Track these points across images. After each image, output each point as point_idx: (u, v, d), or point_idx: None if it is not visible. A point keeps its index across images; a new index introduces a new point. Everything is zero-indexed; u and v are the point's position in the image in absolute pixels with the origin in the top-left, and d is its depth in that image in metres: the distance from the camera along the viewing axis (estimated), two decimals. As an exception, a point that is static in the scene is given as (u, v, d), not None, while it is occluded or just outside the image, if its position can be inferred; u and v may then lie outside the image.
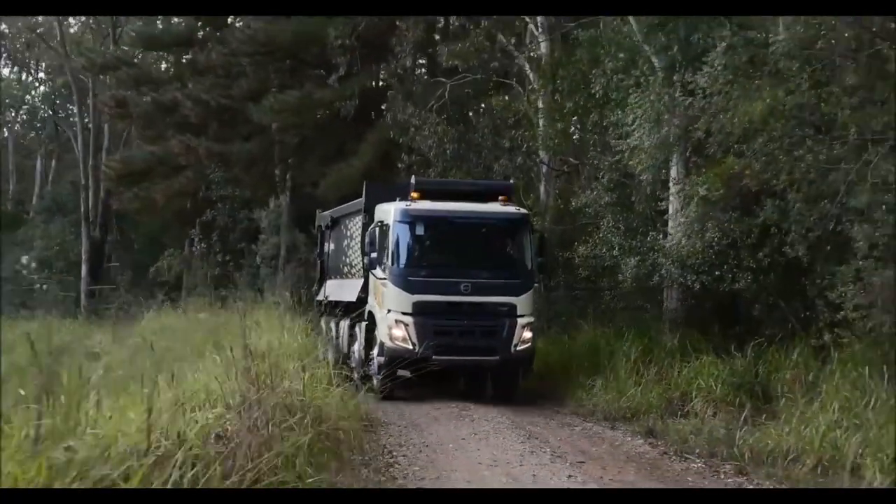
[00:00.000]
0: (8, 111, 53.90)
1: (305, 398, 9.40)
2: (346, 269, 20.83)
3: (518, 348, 16.57)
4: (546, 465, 10.65)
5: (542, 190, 23.09)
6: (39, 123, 57.12)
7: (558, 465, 10.68)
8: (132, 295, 36.32)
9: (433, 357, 16.03)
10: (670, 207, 16.77)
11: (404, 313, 16.41)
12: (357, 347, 18.34)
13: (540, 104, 23.12)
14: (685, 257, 15.67)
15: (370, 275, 17.51)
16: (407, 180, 18.17)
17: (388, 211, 17.11)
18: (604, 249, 18.00)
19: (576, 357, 17.94)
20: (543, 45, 22.74)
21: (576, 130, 22.72)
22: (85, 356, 22.64)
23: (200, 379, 9.39)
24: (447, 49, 23.09)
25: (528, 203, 20.74)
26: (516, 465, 10.63)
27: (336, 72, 29.46)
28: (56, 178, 49.47)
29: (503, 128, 24.76)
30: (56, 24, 43.75)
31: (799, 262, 13.24)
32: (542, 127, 22.27)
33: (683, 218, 15.62)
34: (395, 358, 16.21)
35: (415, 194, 17.00)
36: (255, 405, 7.63)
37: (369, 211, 18.23)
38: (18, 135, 56.98)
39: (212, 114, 33.70)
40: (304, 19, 31.33)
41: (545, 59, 22.43)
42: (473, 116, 27.04)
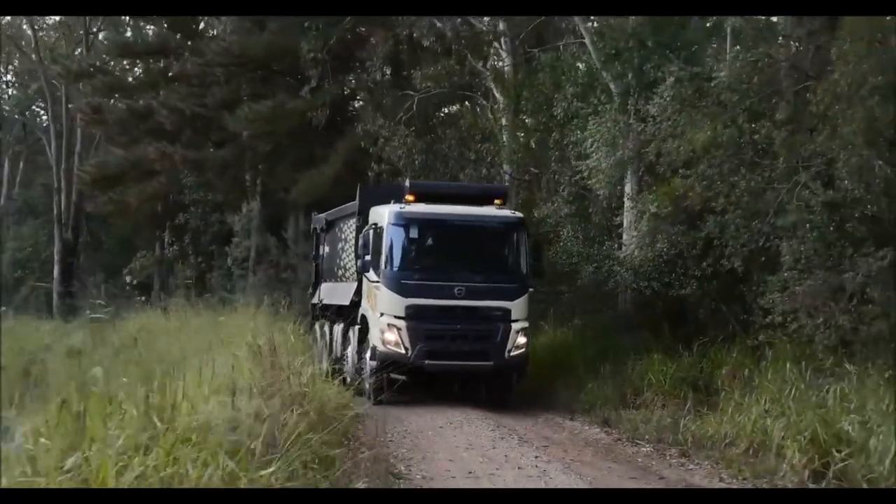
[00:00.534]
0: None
1: (310, 390, 10.88)
2: (341, 273, 20.47)
3: (512, 354, 16.40)
4: (515, 448, 12.21)
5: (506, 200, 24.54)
6: (6, 126, 57.72)
7: (525, 449, 12.25)
8: (104, 295, 37.63)
9: (426, 362, 15.95)
10: (625, 220, 18.23)
11: (397, 317, 16.23)
12: (350, 351, 18.12)
13: (504, 121, 24.67)
14: (638, 265, 17.19)
15: (364, 278, 17.27)
16: (401, 183, 18.39)
17: (383, 213, 16.88)
18: (564, 256, 19.10)
19: (537, 355, 18.24)
20: (507, 67, 24.15)
21: (537, 146, 23.80)
22: (66, 354, 23.58)
23: (220, 371, 10.75)
24: (420, 72, 24.28)
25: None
26: (489, 449, 12.17)
27: (308, 83, 30.45)
28: (25, 181, 50.22)
29: (469, 140, 25.95)
30: (28, 29, 44.60)
31: (737, 272, 14.71)
32: (506, 142, 23.71)
33: (636, 231, 17.23)
34: (388, 362, 15.87)
35: (409, 197, 16.83)
36: (278, 392, 9.11)
37: (363, 213, 18.08)
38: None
39: (186, 121, 34.87)
40: (278, 32, 32.84)
41: (509, 79, 23.81)
42: (440, 128, 28.15)
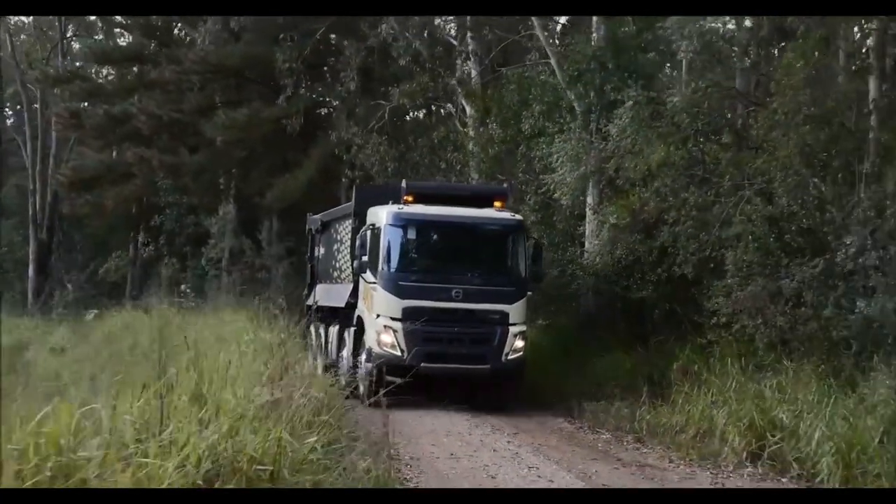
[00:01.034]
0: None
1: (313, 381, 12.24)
2: (336, 274, 20.27)
3: (509, 357, 16.29)
4: (489, 435, 13.67)
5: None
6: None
7: (498, 435, 13.70)
8: (79, 295, 38.70)
9: (422, 364, 15.59)
10: (587, 229, 19.61)
11: (393, 318, 16.08)
12: (346, 353, 17.92)
13: (471, 132, 26.02)
14: (599, 270, 18.70)
15: (360, 279, 17.11)
16: (397, 183, 18.18)
17: (380, 214, 16.71)
18: (529, 261, 20.55)
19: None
20: (476, 83, 25.52)
21: (505, 156, 24.56)
22: (49, 351, 24.48)
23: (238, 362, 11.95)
24: (398, 89, 25.57)
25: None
26: (466, 435, 13.62)
27: (283, 92, 31.34)
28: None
29: (439, 148, 27.15)
30: (4, 35, 45.35)
31: (688, 278, 16.15)
32: (474, 151, 25.05)
33: (597, 239, 18.69)
34: (383, 364, 15.16)
35: (407, 197, 16.65)
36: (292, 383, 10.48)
37: (360, 214, 17.87)
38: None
39: (163, 126, 36.06)
40: (253, 42, 34.07)
41: (478, 94, 25.15)
42: (411, 136, 29.49)
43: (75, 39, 45.38)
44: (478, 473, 10.83)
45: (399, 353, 15.90)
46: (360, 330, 17.11)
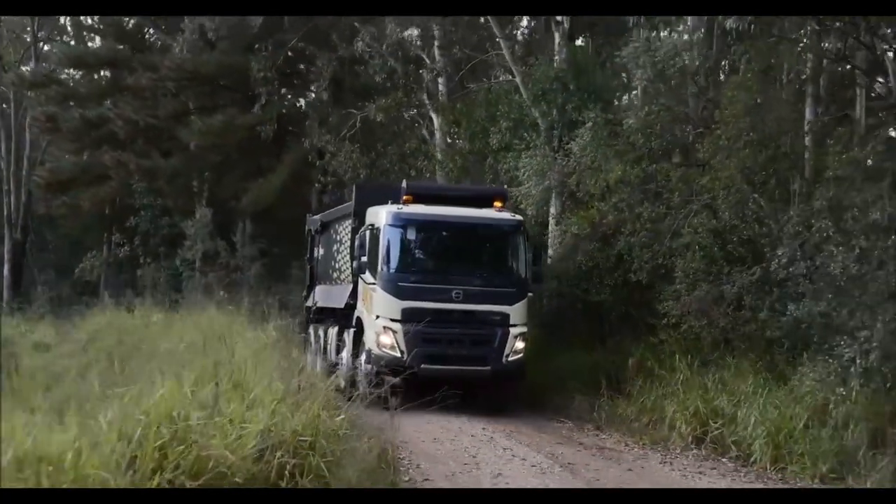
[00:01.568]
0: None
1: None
2: (335, 275, 20.00)
3: (510, 359, 16.23)
4: (466, 422, 15.12)
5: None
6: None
7: (475, 422, 15.14)
8: (55, 294, 39.61)
9: (421, 366, 15.50)
10: (550, 237, 21.12)
11: (393, 319, 15.95)
12: (345, 355, 17.70)
13: (438, 143, 27.52)
14: (561, 275, 20.24)
15: (359, 280, 16.95)
16: (398, 183, 18.05)
17: (380, 214, 16.54)
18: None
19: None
20: (442, 94, 27.04)
21: (472, 167, 25.89)
22: (33, 347, 25.57)
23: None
24: (374, 105, 27.05)
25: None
26: (446, 423, 15.09)
27: (258, 100, 32.61)
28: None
29: (409, 156, 28.73)
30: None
31: (642, 283, 17.64)
32: (442, 161, 26.51)
33: (560, 246, 20.39)
34: (382, 366, 14.92)
35: (407, 198, 16.54)
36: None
37: (359, 214, 17.71)
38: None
39: (139, 131, 37.24)
40: (228, 51, 35.38)
41: (447, 108, 26.72)
42: (381, 143, 30.77)
43: (48, 43, 46.16)
44: (460, 454, 12.45)
45: (398, 355, 15.75)
46: (360, 331, 17.00)
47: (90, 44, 44.23)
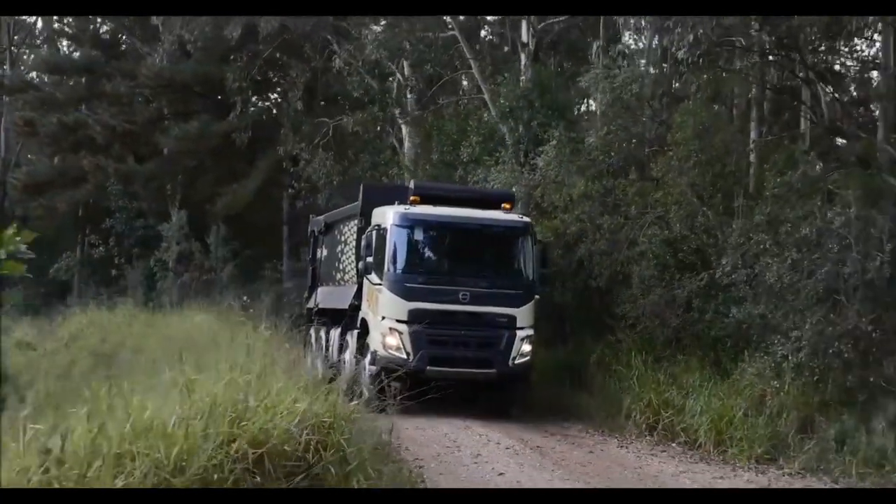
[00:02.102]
0: None
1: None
2: (339, 276, 19.81)
3: (516, 362, 16.15)
4: (442, 412, 16.62)
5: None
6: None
7: (450, 413, 16.48)
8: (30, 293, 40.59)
9: (427, 368, 15.50)
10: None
11: (399, 321, 15.82)
12: (348, 356, 17.43)
13: (406, 152, 29.07)
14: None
15: (365, 280, 16.77)
16: (404, 184, 18.01)
17: (387, 214, 16.39)
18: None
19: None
20: (412, 108, 28.59)
21: (442, 177, 26.87)
22: (16, 345, 26.73)
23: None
24: (351, 118, 28.59)
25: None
26: (424, 412, 16.58)
27: (233, 109, 33.87)
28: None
29: (380, 164, 30.16)
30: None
31: (602, 287, 19.20)
32: (413, 170, 28.00)
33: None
34: (388, 367, 15.02)
35: (414, 198, 16.41)
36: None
37: (365, 214, 17.63)
38: None
39: (115, 136, 38.55)
40: (203, 60, 36.69)
41: (417, 121, 28.33)
42: (352, 149, 32.04)
43: (24, 48, 47.16)
44: (441, 439, 14.04)
45: (404, 357, 15.67)
46: (364, 332, 16.92)
47: (67, 51, 45.41)
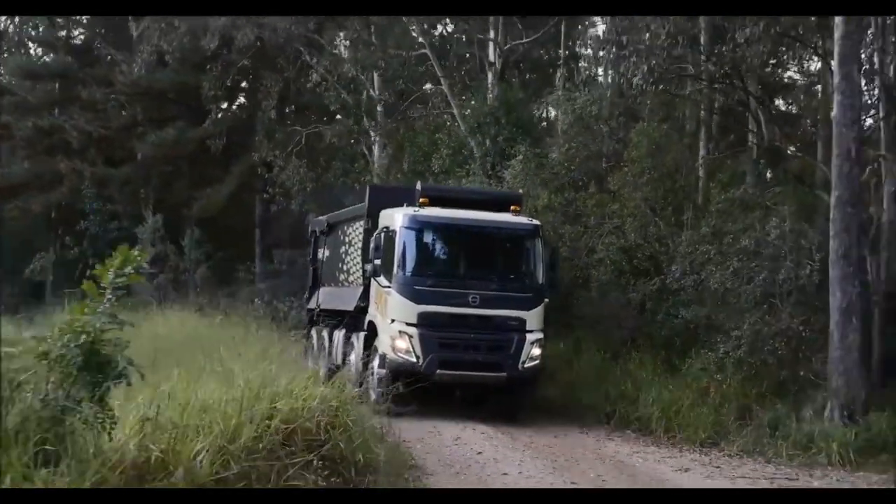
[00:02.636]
0: None
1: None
2: (343, 277, 19.66)
3: (526, 365, 16.01)
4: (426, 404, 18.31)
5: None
6: None
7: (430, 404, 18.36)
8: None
9: (437, 371, 15.48)
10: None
11: (409, 324, 15.65)
12: (354, 359, 17.25)
13: (376, 160, 30.73)
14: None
15: (372, 282, 16.66)
16: (411, 186, 17.98)
17: (395, 217, 16.23)
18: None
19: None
20: (380, 121, 30.27)
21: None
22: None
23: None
24: (329, 130, 30.18)
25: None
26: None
27: (209, 116, 35.40)
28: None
29: (352, 171, 31.59)
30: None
31: (564, 291, 21.04)
32: (382, 177, 29.61)
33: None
34: (398, 371, 15.23)
35: (423, 200, 16.23)
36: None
37: (372, 216, 17.38)
38: None
39: (92, 141, 39.75)
40: (179, 69, 37.93)
41: (390, 133, 29.99)
42: (324, 156, 33.76)
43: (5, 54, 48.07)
44: (426, 425, 15.59)
45: (414, 360, 15.59)
46: (371, 335, 16.80)
47: (39, 56, 46.46)
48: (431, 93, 28.94)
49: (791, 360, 16.16)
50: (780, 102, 30.97)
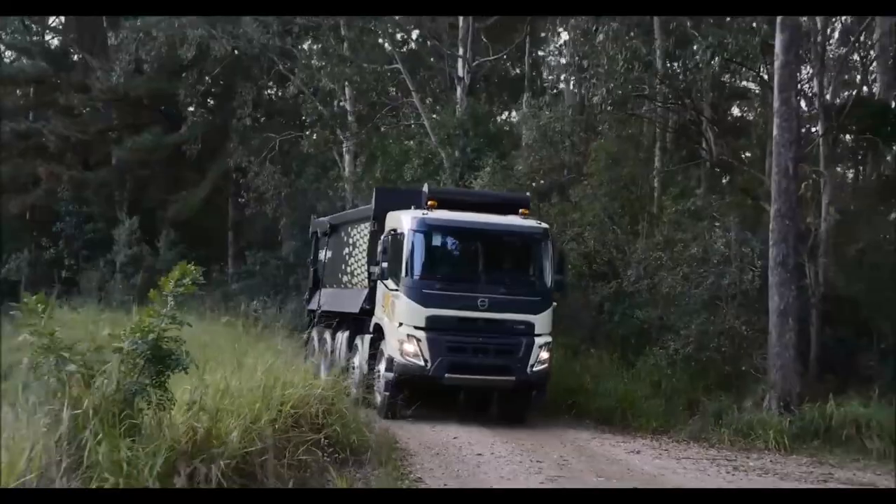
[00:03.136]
0: None
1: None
2: (347, 279, 19.60)
3: (535, 369, 15.92)
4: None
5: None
6: None
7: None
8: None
9: (446, 375, 15.47)
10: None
11: (417, 327, 15.54)
12: (359, 361, 17.26)
13: (347, 168, 32.19)
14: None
15: (379, 285, 16.54)
16: (418, 188, 17.97)
17: (403, 219, 16.11)
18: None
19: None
20: (353, 131, 31.71)
21: None
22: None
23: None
24: (304, 140, 31.61)
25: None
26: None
27: (185, 123, 36.52)
28: None
29: (323, 177, 33.15)
30: None
31: None
32: (355, 184, 30.84)
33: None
34: (406, 374, 15.32)
35: (432, 203, 16.16)
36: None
37: (378, 218, 17.29)
38: None
39: (69, 145, 40.78)
40: (155, 76, 39.02)
41: (364, 143, 31.52)
42: (296, 162, 34.94)
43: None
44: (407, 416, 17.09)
45: (422, 364, 15.52)
46: (376, 337, 16.75)
47: (11, 61, 47.25)
48: (402, 105, 30.27)
49: (734, 357, 18.04)
50: (736, 109, 32.85)
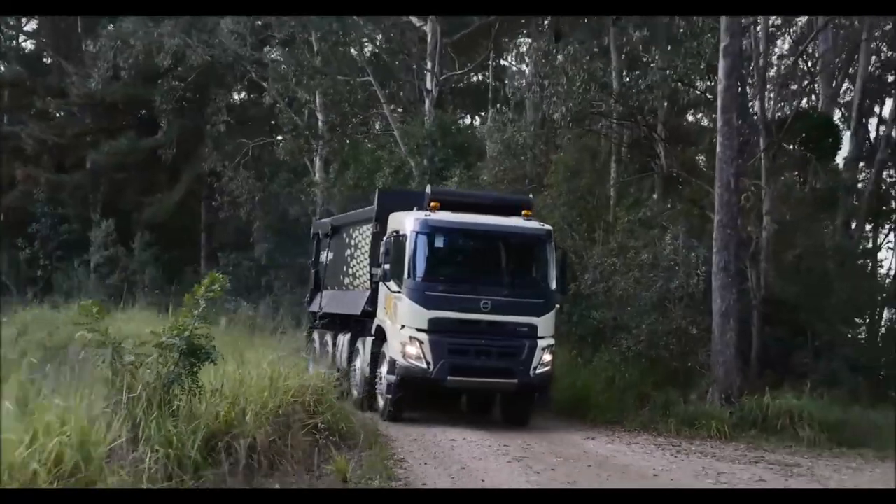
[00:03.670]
0: None
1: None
2: (348, 280, 19.47)
3: (537, 371, 15.87)
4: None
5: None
6: None
7: None
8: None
9: (448, 377, 15.41)
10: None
11: (419, 330, 15.46)
12: (360, 364, 17.29)
13: (318, 175, 33.55)
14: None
15: (381, 287, 16.47)
16: (420, 189, 17.92)
17: (405, 221, 15.99)
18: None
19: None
20: (325, 140, 33.11)
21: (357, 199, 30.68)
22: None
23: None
24: (282, 147, 33.05)
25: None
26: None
27: (161, 128, 37.81)
28: None
29: (296, 182, 34.41)
30: None
31: None
32: (327, 189, 32.31)
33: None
34: (408, 377, 15.28)
35: (434, 204, 16.00)
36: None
37: (381, 220, 17.18)
38: None
39: (45, 148, 41.88)
40: (132, 83, 40.15)
41: (336, 151, 33.01)
42: (270, 167, 36.41)
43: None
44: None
45: (425, 366, 15.46)
46: (378, 340, 16.72)
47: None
48: (373, 116, 31.70)
49: (681, 354, 19.85)
50: (690, 116, 34.62)
